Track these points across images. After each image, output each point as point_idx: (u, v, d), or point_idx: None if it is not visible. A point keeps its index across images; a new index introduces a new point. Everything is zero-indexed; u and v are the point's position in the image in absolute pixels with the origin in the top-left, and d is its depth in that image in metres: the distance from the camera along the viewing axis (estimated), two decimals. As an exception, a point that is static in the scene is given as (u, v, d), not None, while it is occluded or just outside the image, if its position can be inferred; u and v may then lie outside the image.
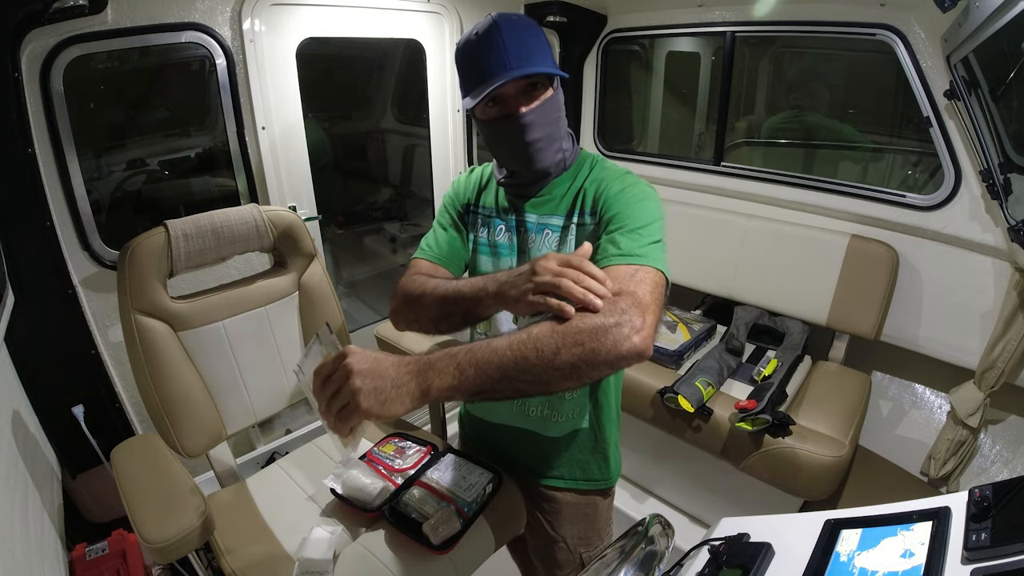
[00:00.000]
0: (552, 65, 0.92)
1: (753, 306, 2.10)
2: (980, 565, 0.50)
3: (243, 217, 1.25)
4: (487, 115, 0.94)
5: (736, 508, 1.74)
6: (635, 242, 0.85)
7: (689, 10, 2.12)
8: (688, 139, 2.97)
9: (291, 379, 1.36)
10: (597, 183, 0.98)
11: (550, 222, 1.01)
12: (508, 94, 0.90)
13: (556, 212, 1.01)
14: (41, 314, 1.38)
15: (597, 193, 0.96)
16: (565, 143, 1.00)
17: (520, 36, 0.89)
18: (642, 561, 0.67)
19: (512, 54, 0.87)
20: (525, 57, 0.88)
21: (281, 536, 1.07)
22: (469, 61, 0.92)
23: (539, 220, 1.02)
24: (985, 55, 1.34)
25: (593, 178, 0.99)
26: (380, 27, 1.89)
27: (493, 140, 0.99)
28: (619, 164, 1.03)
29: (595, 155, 1.05)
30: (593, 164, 1.02)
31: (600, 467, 1.16)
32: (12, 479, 1.05)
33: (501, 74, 0.87)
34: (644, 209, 0.90)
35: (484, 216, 1.10)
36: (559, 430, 1.10)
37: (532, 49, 0.89)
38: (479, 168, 1.16)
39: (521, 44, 0.88)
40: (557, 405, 1.09)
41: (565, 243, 1.00)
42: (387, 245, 3.28)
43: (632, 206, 0.91)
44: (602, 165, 1.02)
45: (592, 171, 1.01)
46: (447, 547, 1.00)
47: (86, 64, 1.43)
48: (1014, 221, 1.43)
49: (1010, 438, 1.78)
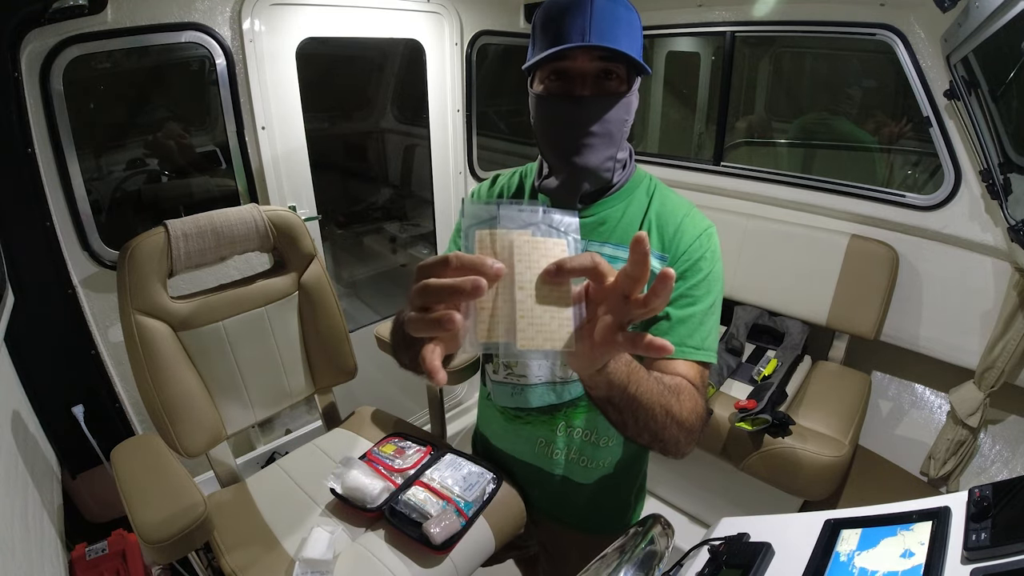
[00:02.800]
0: (639, 55, 0.77)
1: (753, 306, 2.10)
2: (980, 565, 0.50)
3: (243, 217, 1.25)
4: (546, 88, 0.79)
5: (736, 508, 1.74)
6: (706, 329, 0.82)
7: (689, 10, 2.12)
8: (688, 139, 2.97)
9: (291, 379, 1.36)
10: (670, 222, 0.86)
11: (603, 251, 0.87)
12: (577, 70, 0.76)
13: (610, 240, 0.88)
14: (41, 314, 1.38)
15: (672, 235, 0.85)
16: (621, 153, 0.85)
17: (615, 12, 0.74)
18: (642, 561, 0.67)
19: (596, 26, 0.73)
20: (612, 35, 0.73)
21: (281, 536, 1.07)
22: (548, 19, 0.76)
23: (588, 246, 0.88)
24: (985, 55, 1.34)
25: (660, 212, 0.87)
26: (380, 27, 1.89)
27: (542, 121, 0.82)
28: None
29: (651, 177, 0.93)
30: (652, 190, 0.90)
31: (621, 515, 1.08)
32: (12, 479, 1.05)
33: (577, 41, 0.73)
34: (714, 283, 0.84)
35: None
36: (585, 476, 1.01)
37: (622, 31, 0.74)
38: (505, 175, 1.02)
39: (614, 20, 0.74)
40: (589, 451, 0.99)
41: None
42: (387, 245, 3.28)
43: (709, 281, 0.83)
44: (662, 193, 0.90)
45: (653, 199, 0.88)
46: (447, 547, 1.00)
47: (86, 64, 1.43)
48: (1014, 221, 1.43)
49: (1010, 438, 1.78)
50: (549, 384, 0.96)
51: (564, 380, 0.95)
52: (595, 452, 0.99)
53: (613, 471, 1.01)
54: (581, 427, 0.98)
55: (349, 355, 1.42)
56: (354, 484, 1.09)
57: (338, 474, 1.12)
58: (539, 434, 1.01)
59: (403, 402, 2.24)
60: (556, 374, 0.95)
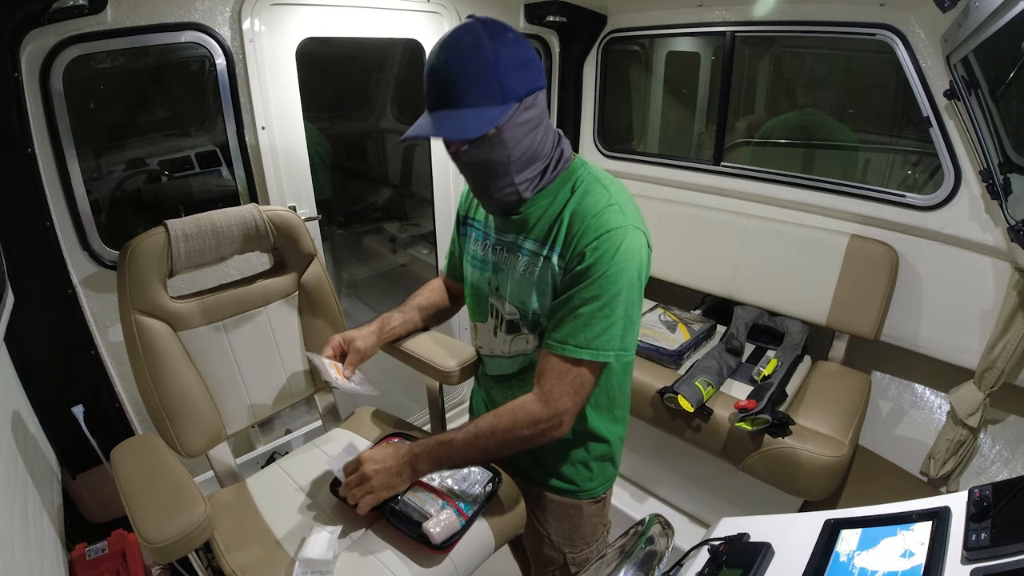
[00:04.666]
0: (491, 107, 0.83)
1: (753, 306, 2.10)
2: (980, 565, 0.51)
3: (243, 217, 1.25)
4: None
5: (736, 508, 1.75)
6: (594, 330, 0.89)
7: (689, 10, 2.12)
8: (688, 139, 2.97)
9: (291, 379, 1.37)
10: (575, 221, 0.91)
11: (524, 246, 0.99)
12: None
13: (530, 236, 0.98)
14: (41, 314, 1.37)
15: (571, 236, 0.91)
16: (522, 175, 0.92)
17: (463, 68, 0.82)
18: (642, 561, 0.67)
19: (442, 93, 0.84)
20: (457, 98, 0.83)
21: (281, 536, 1.07)
22: (424, 78, 0.88)
23: (515, 241, 1.00)
24: (985, 55, 1.34)
25: (574, 211, 0.92)
26: (380, 27, 1.89)
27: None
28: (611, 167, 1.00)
29: (583, 172, 0.97)
30: (576, 186, 0.95)
31: (582, 478, 1.14)
32: (12, 479, 1.05)
33: (424, 118, 0.88)
34: (608, 285, 0.88)
35: (476, 228, 1.12)
36: None
37: (470, 87, 0.82)
38: None
39: (459, 79, 0.82)
40: None
41: (531, 274, 0.98)
42: (387, 245, 3.28)
43: (596, 283, 0.88)
44: (586, 190, 0.93)
45: (573, 196, 0.94)
46: (447, 547, 1.00)
47: (86, 64, 1.43)
48: (1014, 221, 1.43)
49: (1010, 438, 1.78)
50: (501, 357, 1.12)
51: (510, 355, 1.09)
52: None
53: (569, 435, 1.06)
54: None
55: (349, 355, 1.42)
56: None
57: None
58: (498, 399, 1.16)
59: (403, 402, 2.24)
60: (504, 350, 1.10)
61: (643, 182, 2.41)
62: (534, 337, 1.04)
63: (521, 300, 1.01)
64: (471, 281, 1.14)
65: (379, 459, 0.99)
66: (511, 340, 1.07)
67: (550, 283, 0.95)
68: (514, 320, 1.04)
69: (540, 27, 2.32)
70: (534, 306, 0.99)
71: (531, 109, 0.88)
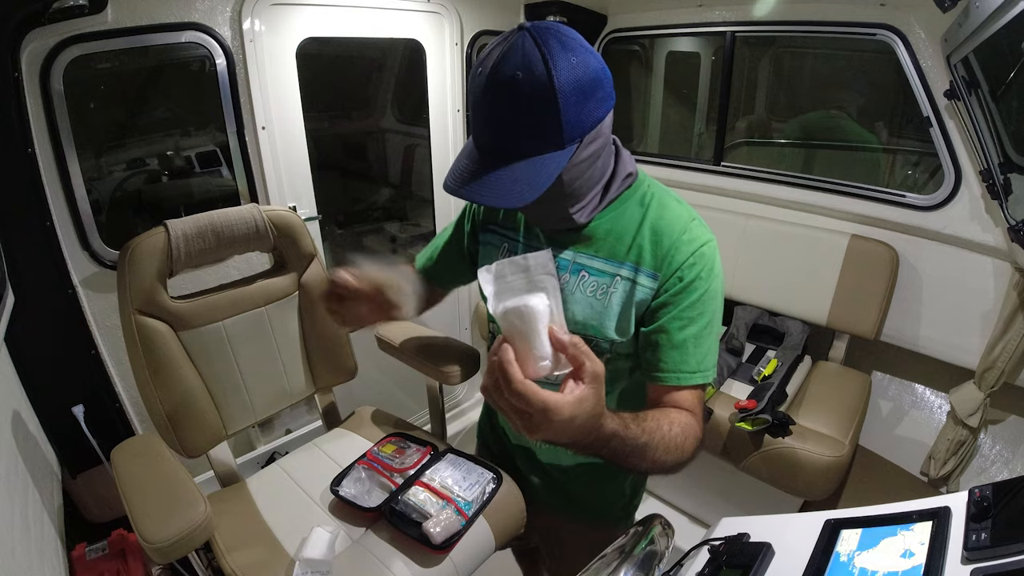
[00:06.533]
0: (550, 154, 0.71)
1: (753, 306, 2.10)
2: (980, 565, 0.50)
3: (243, 217, 1.25)
4: None
5: (736, 508, 1.74)
6: (703, 351, 0.82)
7: (689, 10, 2.12)
8: (688, 139, 2.97)
9: (291, 379, 1.36)
10: (663, 238, 0.83)
11: (591, 265, 0.86)
12: None
13: (599, 254, 0.86)
14: (41, 314, 1.37)
15: (662, 254, 0.82)
16: (583, 202, 0.83)
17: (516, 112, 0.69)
18: (642, 561, 0.67)
19: (491, 137, 0.72)
20: (509, 146, 0.71)
21: (281, 536, 1.07)
22: (469, 103, 0.75)
23: (576, 259, 0.87)
24: (985, 55, 1.34)
25: (656, 227, 0.84)
26: (380, 27, 1.89)
27: None
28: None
29: (651, 186, 0.88)
30: (648, 201, 0.86)
31: (615, 505, 1.09)
32: (12, 479, 1.05)
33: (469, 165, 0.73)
34: (709, 302, 0.82)
35: (507, 237, 0.95)
36: (572, 462, 1.02)
37: (524, 133, 0.70)
38: None
39: (511, 126, 0.70)
40: None
41: (606, 296, 0.85)
42: (387, 245, 3.28)
43: (700, 302, 0.81)
44: (660, 204, 0.85)
45: (649, 210, 0.85)
46: (447, 547, 1.00)
47: (86, 64, 1.43)
48: (1014, 221, 1.43)
49: (1010, 438, 1.78)
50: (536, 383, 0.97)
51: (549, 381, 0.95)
52: None
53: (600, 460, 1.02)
54: None
55: (349, 355, 1.42)
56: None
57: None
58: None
59: (403, 402, 2.24)
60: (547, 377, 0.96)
61: (643, 182, 2.41)
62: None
63: (590, 325, 0.87)
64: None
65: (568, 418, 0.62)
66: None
67: (634, 306, 0.84)
68: None
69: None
70: (610, 332, 0.85)
71: (595, 141, 0.75)
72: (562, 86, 0.67)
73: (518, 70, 0.67)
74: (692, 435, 0.79)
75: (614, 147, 0.85)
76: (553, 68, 0.67)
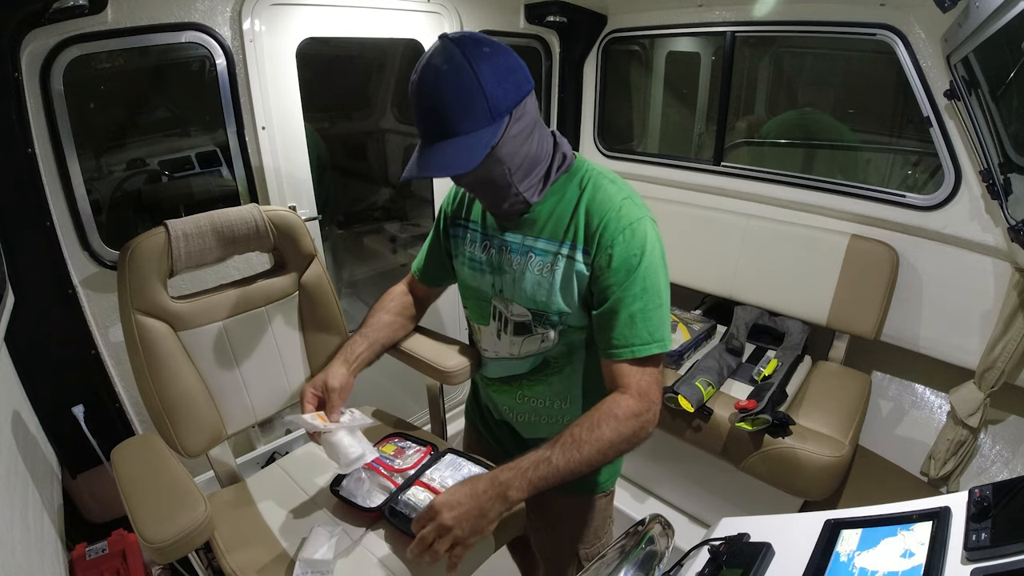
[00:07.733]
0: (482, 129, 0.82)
1: (753, 306, 2.10)
2: (980, 565, 0.51)
3: (243, 217, 1.25)
4: None
5: (736, 508, 1.75)
6: (645, 327, 0.89)
7: (689, 10, 2.12)
8: (688, 139, 2.97)
9: (291, 379, 1.36)
10: (594, 217, 0.91)
11: (536, 246, 0.97)
12: None
13: (542, 235, 0.96)
14: (41, 314, 1.37)
15: (593, 232, 0.91)
16: (528, 181, 0.93)
17: (446, 96, 0.80)
18: (642, 561, 0.67)
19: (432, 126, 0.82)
20: (447, 128, 0.81)
21: (281, 536, 1.07)
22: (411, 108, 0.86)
23: (524, 242, 0.98)
24: (985, 55, 1.34)
25: (589, 207, 0.92)
26: (380, 27, 1.89)
27: None
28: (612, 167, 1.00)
29: (588, 170, 0.97)
30: (585, 183, 0.95)
31: (606, 470, 1.15)
32: (12, 479, 1.05)
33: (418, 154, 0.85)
34: (650, 275, 0.89)
35: (471, 229, 1.09)
36: (545, 431, 1.08)
37: (457, 114, 0.80)
38: None
39: (445, 108, 0.81)
40: (547, 416, 1.11)
41: (551, 274, 0.96)
42: (387, 245, 3.28)
43: (640, 277, 0.89)
44: (595, 186, 0.94)
45: (584, 193, 0.94)
46: (447, 547, 1.00)
47: (86, 64, 1.43)
48: (1014, 221, 1.43)
49: (1010, 438, 1.78)
50: (509, 359, 1.09)
51: (520, 356, 1.07)
52: (552, 416, 1.10)
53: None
54: (534, 397, 1.10)
55: (349, 355, 1.42)
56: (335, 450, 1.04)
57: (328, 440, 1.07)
58: (503, 401, 1.16)
59: (403, 402, 2.24)
60: (513, 352, 1.07)
61: (643, 182, 2.41)
62: (555, 334, 1.01)
63: (539, 300, 0.98)
64: (469, 284, 1.11)
65: (454, 503, 0.85)
66: (521, 341, 1.05)
67: (575, 281, 0.94)
68: (524, 321, 1.02)
69: (540, 27, 2.32)
70: (559, 306, 0.96)
71: (522, 118, 0.86)
72: (481, 69, 0.80)
73: (442, 64, 0.80)
74: (627, 414, 0.88)
75: (552, 137, 0.96)
76: (471, 57, 0.80)
